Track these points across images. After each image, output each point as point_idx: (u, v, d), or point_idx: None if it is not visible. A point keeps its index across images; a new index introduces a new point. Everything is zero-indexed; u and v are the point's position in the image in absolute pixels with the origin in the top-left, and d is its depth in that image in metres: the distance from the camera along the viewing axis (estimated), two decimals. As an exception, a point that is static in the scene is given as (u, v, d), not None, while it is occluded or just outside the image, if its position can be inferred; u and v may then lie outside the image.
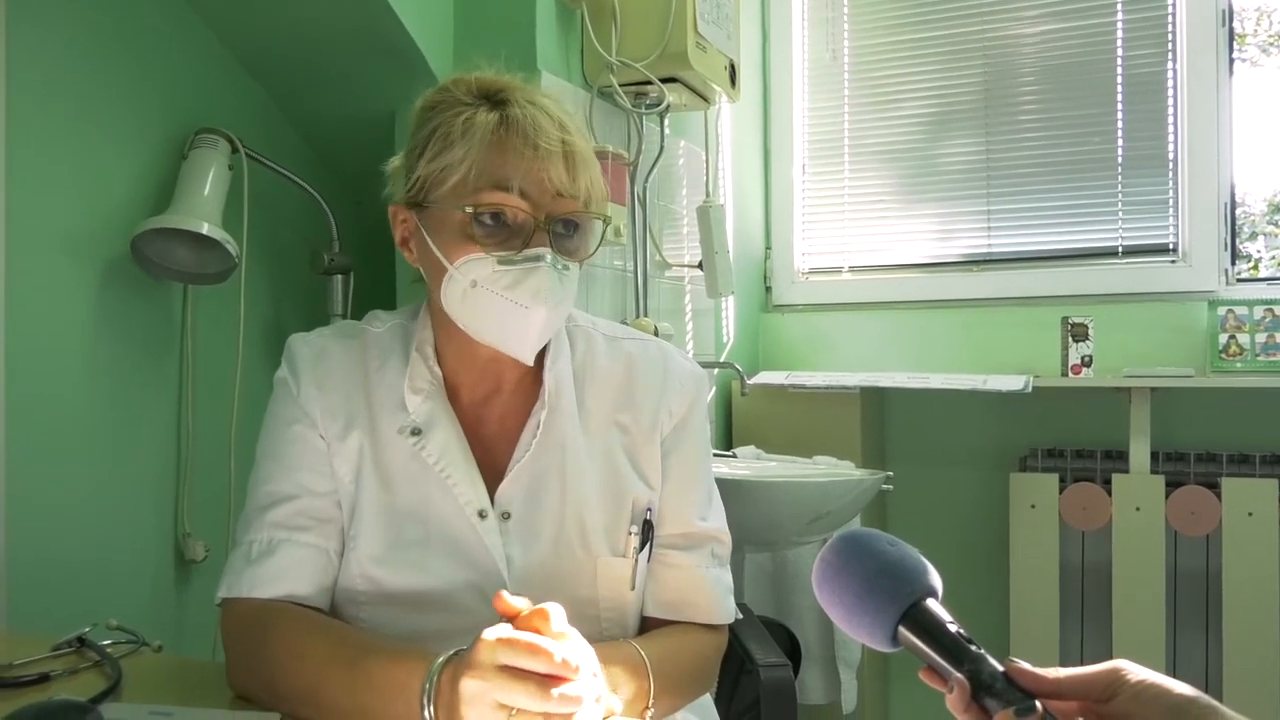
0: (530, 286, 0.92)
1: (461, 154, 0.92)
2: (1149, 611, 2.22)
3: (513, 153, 0.92)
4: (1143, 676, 0.61)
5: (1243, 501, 2.18)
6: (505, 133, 0.92)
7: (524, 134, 0.92)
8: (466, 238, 0.93)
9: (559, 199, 0.94)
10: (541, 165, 0.92)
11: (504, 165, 0.92)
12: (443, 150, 0.93)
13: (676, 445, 1.05)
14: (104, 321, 1.58)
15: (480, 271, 0.93)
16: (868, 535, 0.70)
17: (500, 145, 0.92)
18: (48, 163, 1.49)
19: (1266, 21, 2.59)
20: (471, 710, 0.71)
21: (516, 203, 0.92)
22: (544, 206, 0.93)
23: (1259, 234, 2.59)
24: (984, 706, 0.62)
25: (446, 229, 0.94)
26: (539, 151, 0.92)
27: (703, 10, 1.90)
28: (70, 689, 0.92)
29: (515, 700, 0.70)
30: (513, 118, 0.93)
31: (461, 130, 0.92)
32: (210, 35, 1.75)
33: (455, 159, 0.92)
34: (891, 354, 2.63)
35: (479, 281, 0.93)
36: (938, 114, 2.66)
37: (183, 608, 1.72)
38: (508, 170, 0.92)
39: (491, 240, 0.93)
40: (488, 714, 0.71)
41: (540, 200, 0.93)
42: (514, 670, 0.70)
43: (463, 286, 0.93)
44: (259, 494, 0.98)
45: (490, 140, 0.92)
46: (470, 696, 0.71)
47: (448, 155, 0.93)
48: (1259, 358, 2.27)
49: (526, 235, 0.93)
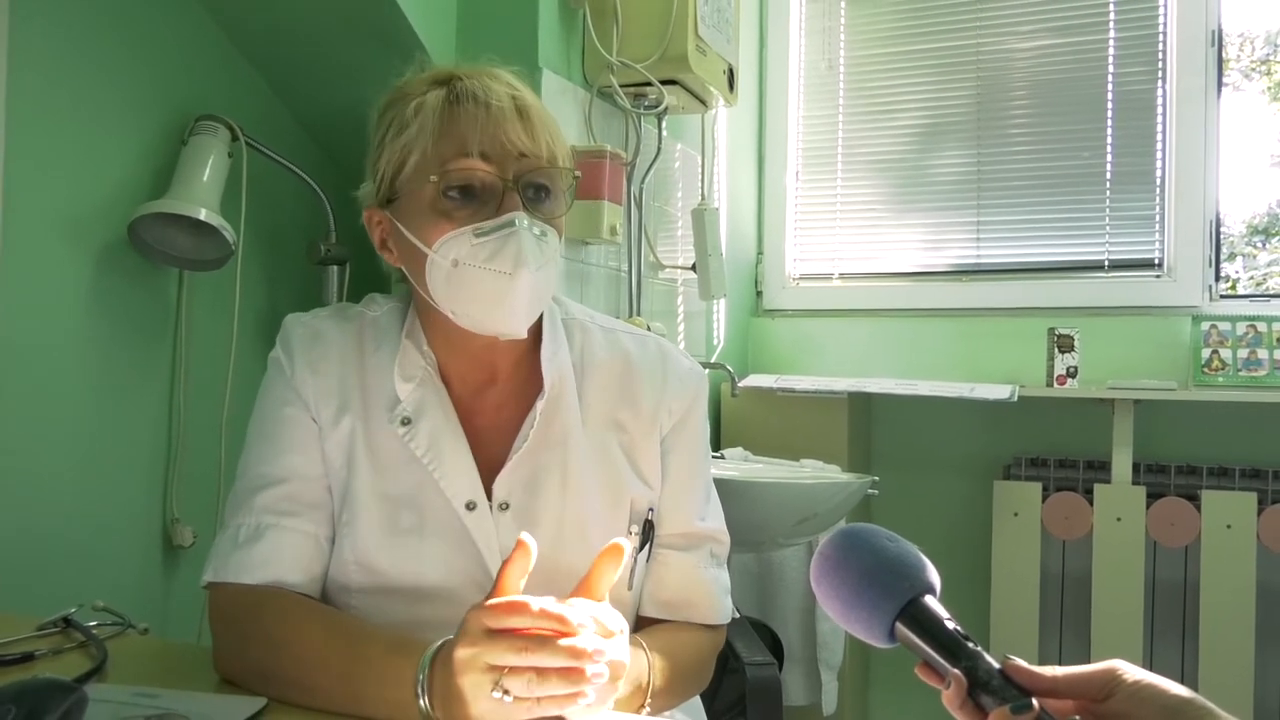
0: (510, 253, 0.91)
1: (415, 132, 0.93)
2: (1127, 620, 2.25)
3: (465, 117, 0.93)
4: (1139, 677, 0.61)
5: (1222, 514, 2.20)
6: (457, 103, 0.94)
7: (474, 97, 0.93)
8: (439, 215, 0.93)
9: (523, 159, 0.94)
10: (495, 124, 0.92)
11: (458, 130, 0.92)
12: (397, 135, 0.94)
13: (676, 444, 1.04)
14: (99, 305, 1.58)
15: (459, 249, 0.92)
16: (867, 530, 0.70)
17: (453, 115, 0.93)
18: (47, 146, 1.48)
19: (1249, 47, 2.64)
20: (465, 678, 0.71)
21: (479, 165, 0.92)
22: (509, 167, 0.93)
23: (1237, 255, 2.63)
24: (979, 704, 0.62)
25: (418, 213, 0.94)
26: (491, 110, 0.93)
27: (704, 14, 1.92)
28: (55, 669, 0.91)
29: (504, 658, 0.70)
30: (461, 88, 0.94)
31: (414, 113, 0.94)
32: (212, 23, 1.75)
33: (410, 138, 0.93)
34: (880, 361, 2.65)
35: (460, 259, 0.92)
36: (930, 125, 2.69)
37: (169, 593, 1.71)
38: (463, 133, 0.92)
39: (463, 212, 0.93)
40: (480, 678, 0.71)
41: (504, 161, 0.93)
42: (500, 632, 0.71)
43: (445, 269, 0.93)
44: (249, 476, 0.97)
45: (442, 112, 0.93)
46: (461, 665, 0.71)
47: (402, 137, 0.93)
48: (1240, 373, 2.30)
49: (497, 200, 0.93)
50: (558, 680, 0.70)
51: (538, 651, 0.70)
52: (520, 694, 0.70)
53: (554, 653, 0.70)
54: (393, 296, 1.08)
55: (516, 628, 0.71)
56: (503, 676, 0.70)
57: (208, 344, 1.75)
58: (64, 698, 0.68)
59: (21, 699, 0.67)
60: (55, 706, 0.67)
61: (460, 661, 0.71)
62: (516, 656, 0.70)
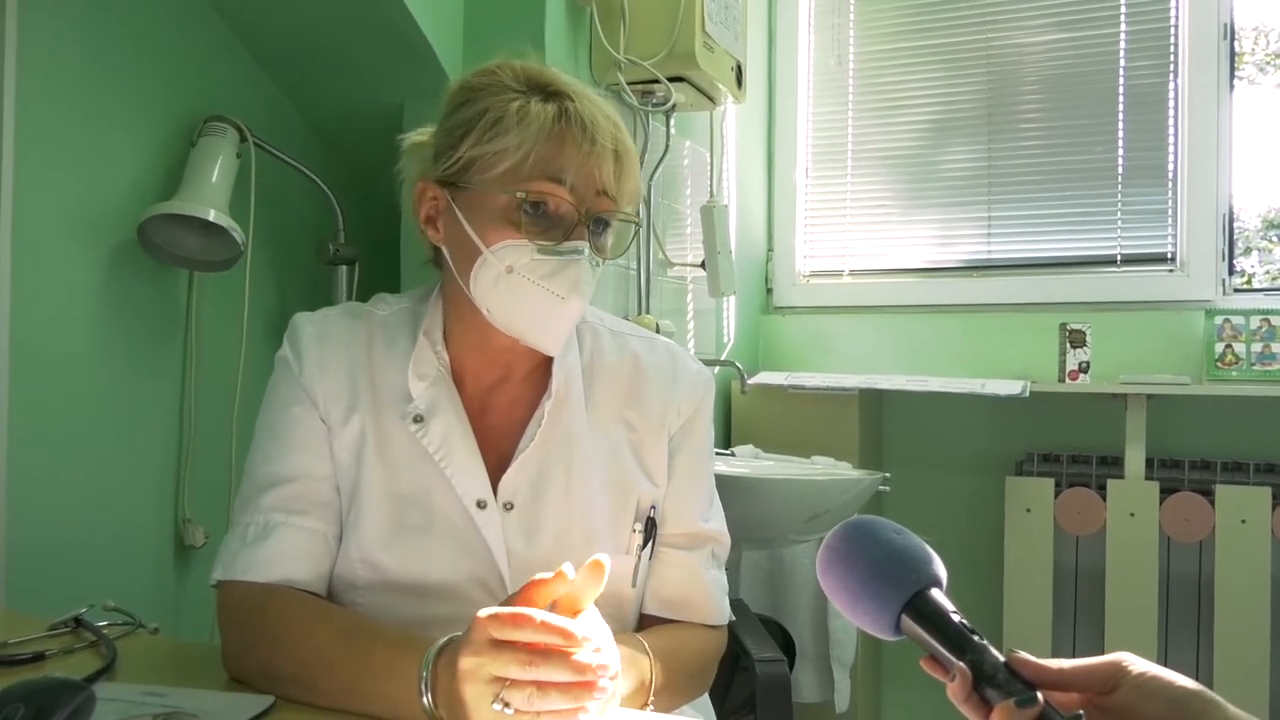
0: (569, 277, 0.93)
1: (517, 140, 0.91)
2: (1141, 616, 2.24)
3: (571, 145, 0.92)
4: (1144, 669, 0.61)
5: (1236, 509, 2.19)
6: (565, 125, 0.92)
7: (583, 128, 0.93)
8: (509, 223, 0.93)
9: (601, 197, 0.95)
10: (595, 162, 0.93)
11: (560, 157, 0.92)
12: (496, 135, 0.92)
13: (683, 445, 1.05)
14: (110, 306, 1.59)
15: (518, 258, 0.92)
16: (874, 523, 0.70)
17: (559, 137, 0.92)
18: (58, 147, 1.49)
19: (1264, 40, 2.61)
20: (468, 686, 0.71)
21: (565, 195, 0.93)
22: (587, 202, 0.94)
23: (1253, 249, 2.61)
24: (985, 697, 0.61)
25: (486, 212, 0.94)
26: (595, 147, 0.93)
27: (711, 10, 1.91)
28: (65, 668, 0.92)
29: (507, 671, 0.70)
30: (572, 112, 0.93)
31: (518, 117, 0.92)
32: (222, 24, 1.76)
33: (510, 144, 0.91)
34: (890, 357, 2.64)
35: (516, 268, 0.92)
36: (940, 121, 2.68)
37: (181, 593, 1.72)
38: (563, 162, 0.92)
39: (534, 228, 0.93)
40: (483, 689, 0.71)
41: (585, 195, 0.94)
42: (505, 643, 0.71)
43: (497, 271, 0.93)
44: (257, 475, 0.97)
45: (550, 131, 0.92)
46: (465, 674, 0.71)
47: (502, 140, 0.92)
48: (1255, 367, 2.29)
49: (568, 228, 0.93)
50: (559, 695, 0.70)
51: (541, 666, 0.70)
52: (521, 707, 0.70)
53: (557, 668, 0.70)
54: (402, 296, 1.08)
55: (521, 640, 0.71)
56: (505, 689, 0.70)
57: (218, 344, 1.76)
58: (72, 696, 0.68)
59: (30, 698, 0.67)
60: (63, 705, 0.67)
61: (464, 670, 0.72)
62: (520, 670, 0.70)
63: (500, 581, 0.95)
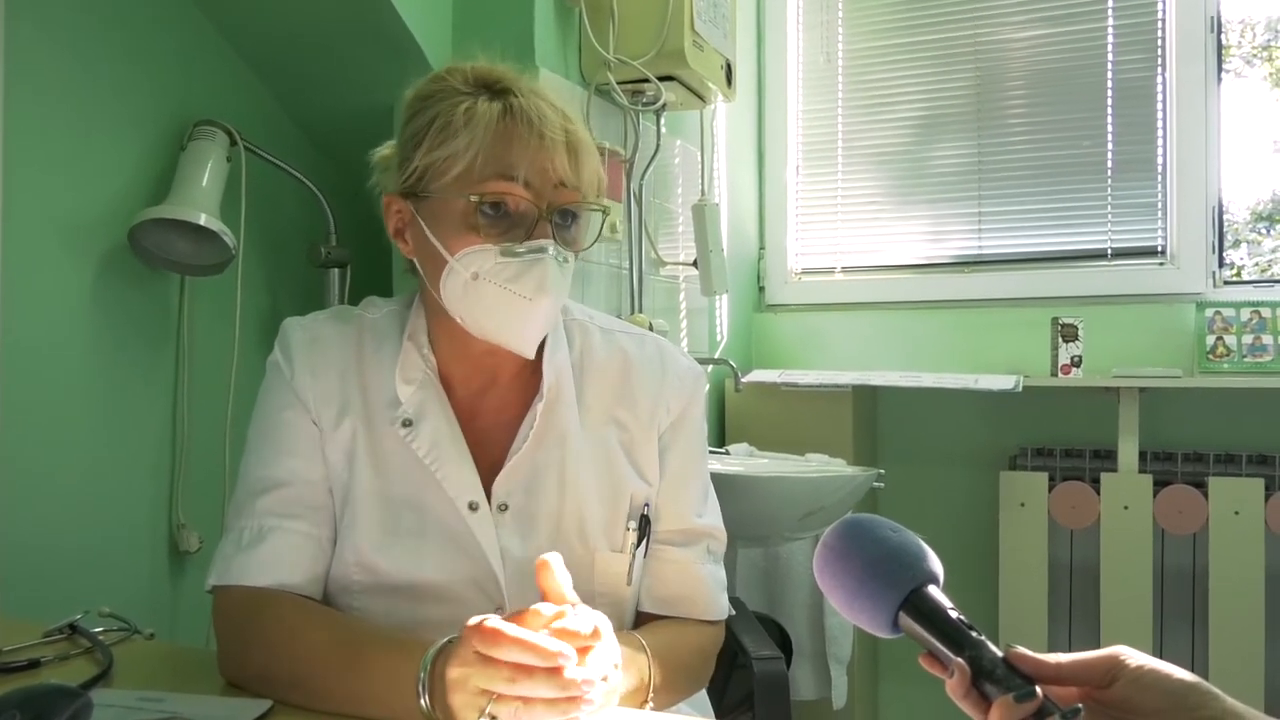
0: (534, 278, 0.92)
1: (465, 143, 0.91)
2: (1136, 609, 2.25)
3: (518, 142, 0.91)
4: (1142, 662, 0.61)
5: (1229, 500, 2.20)
6: (510, 122, 0.92)
7: (529, 123, 0.92)
8: (468, 228, 0.92)
9: (561, 189, 0.94)
10: (546, 155, 0.92)
11: (509, 154, 0.91)
12: (445, 140, 0.92)
13: (674, 442, 1.05)
14: (101, 311, 1.58)
15: (482, 263, 0.92)
16: (870, 521, 0.70)
17: (505, 135, 0.91)
18: (46, 152, 1.49)
19: (1250, 33, 2.63)
20: (455, 697, 0.72)
21: (521, 192, 0.92)
22: (546, 196, 0.93)
23: (1241, 242, 2.62)
24: (984, 692, 0.62)
25: (447, 219, 0.93)
26: (544, 141, 0.92)
27: (700, 9, 1.91)
28: (61, 675, 0.92)
29: (492, 685, 0.70)
30: (517, 107, 0.92)
31: (464, 119, 0.91)
32: (210, 27, 1.76)
33: (459, 148, 0.91)
34: (884, 353, 2.65)
35: (481, 274, 0.92)
36: (930, 117, 2.68)
37: (176, 598, 1.72)
38: (513, 159, 0.91)
39: (494, 230, 0.92)
40: (470, 700, 0.72)
41: (543, 190, 0.93)
42: (489, 657, 0.71)
43: (463, 279, 0.92)
44: (249, 479, 0.97)
45: (496, 129, 0.91)
46: (453, 684, 0.72)
47: (451, 145, 0.91)
48: (1245, 359, 2.30)
49: (529, 226, 0.93)
50: (544, 710, 0.71)
51: (525, 682, 0.70)
52: None
53: (541, 684, 0.70)
54: (392, 300, 1.08)
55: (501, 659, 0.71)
56: (492, 702, 0.71)
57: (210, 349, 1.75)
58: (69, 703, 0.69)
59: (27, 704, 0.67)
60: (60, 711, 0.67)
61: (452, 681, 0.73)
62: (505, 685, 0.70)
63: (495, 583, 0.95)
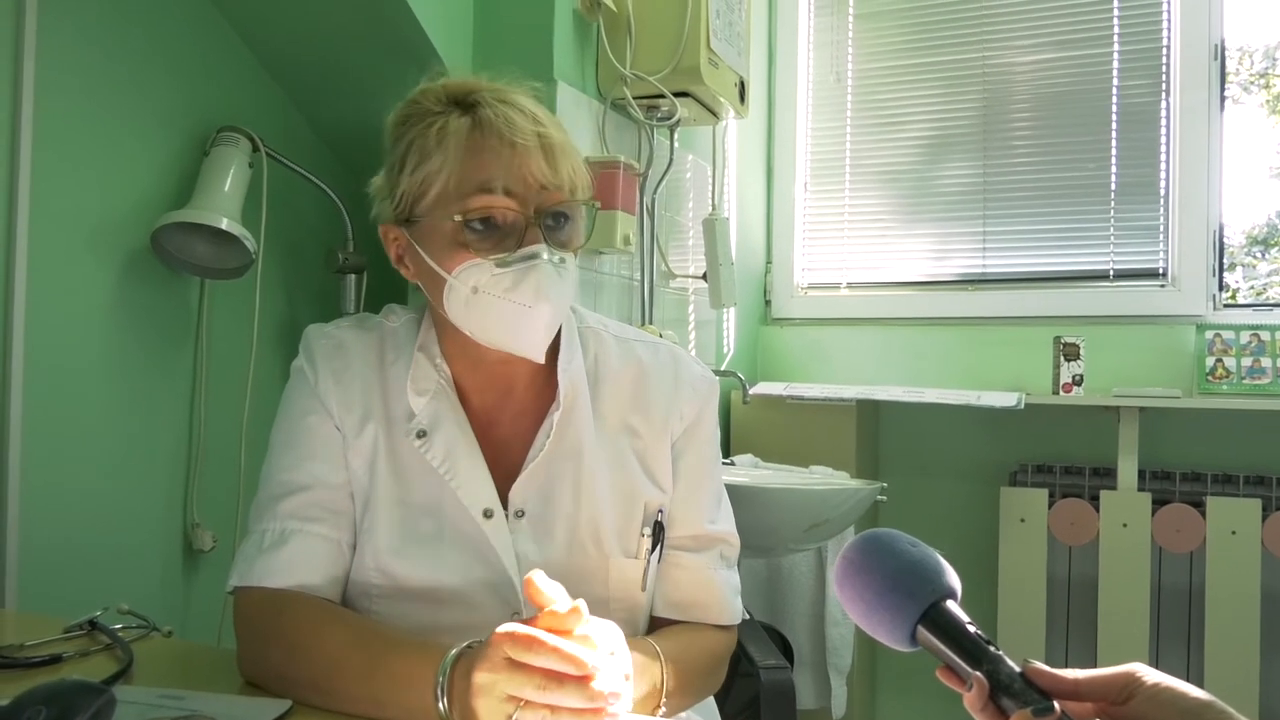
0: (531, 285, 0.92)
1: (439, 163, 0.92)
2: (1133, 625, 2.26)
3: (490, 153, 0.92)
4: (1158, 679, 0.62)
5: (1227, 520, 2.22)
6: (480, 135, 0.92)
7: (498, 133, 0.92)
8: (459, 245, 0.93)
9: (544, 192, 0.94)
10: (521, 161, 0.92)
11: (483, 167, 0.92)
12: (420, 163, 0.93)
13: (687, 448, 1.06)
14: (123, 313, 1.60)
15: (479, 277, 0.92)
16: (890, 535, 0.71)
17: (476, 148, 0.92)
18: (73, 157, 1.51)
19: (1248, 60, 2.67)
20: (481, 701, 0.72)
21: (503, 203, 0.92)
22: (531, 201, 0.93)
23: (1237, 265, 2.65)
24: (1001, 707, 0.62)
25: (438, 240, 0.94)
26: (516, 148, 0.92)
27: (716, 27, 1.94)
28: (81, 671, 0.92)
29: (521, 691, 0.70)
30: (484, 119, 0.93)
31: (436, 140, 0.92)
32: (234, 36, 1.78)
33: (433, 169, 0.92)
34: (887, 369, 2.67)
35: (479, 287, 0.92)
36: (937, 137, 2.72)
37: (190, 597, 1.73)
38: (488, 172, 0.92)
39: (485, 244, 0.93)
40: (496, 706, 0.71)
41: (526, 196, 0.93)
42: (521, 664, 0.71)
43: (464, 294, 0.93)
44: (272, 483, 0.98)
45: (466, 145, 0.92)
46: (480, 688, 0.72)
47: (426, 166, 0.92)
48: (1244, 381, 2.33)
49: (519, 234, 0.93)
50: (570, 719, 0.71)
51: (555, 691, 0.70)
52: None
53: (570, 694, 0.70)
54: (410, 308, 1.09)
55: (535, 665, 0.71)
56: (518, 709, 0.71)
57: (228, 351, 1.77)
58: (93, 699, 0.69)
59: (52, 700, 0.68)
60: (85, 708, 0.68)
61: (478, 685, 0.72)
62: (534, 692, 0.70)
63: (512, 588, 0.96)
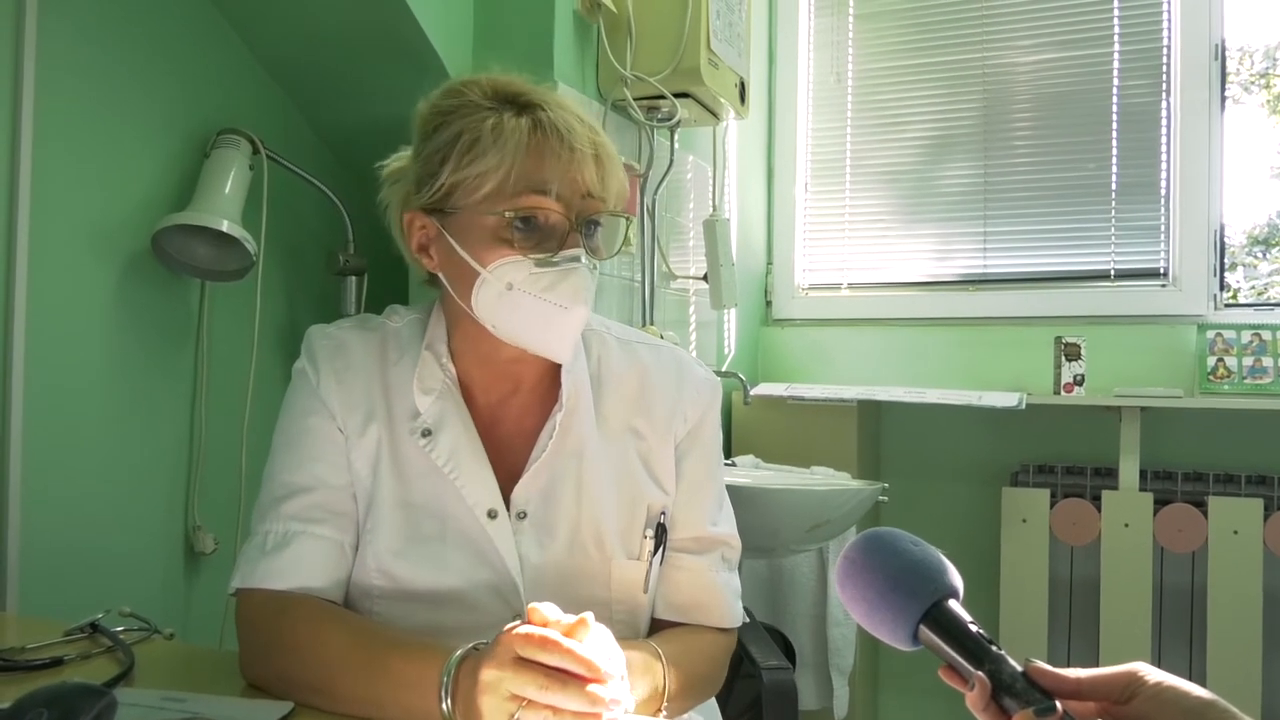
0: (569, 287, 0.93)
1: (496, 160, 0.91)
2: (1135, 625, 2.26)
3: (550, 156, 0.92)
4: (1160, 679, 0.62)
5: (1228, 520, 2.22)
6: (541, 137, 0.92)
7: (560, 137, 0.92)
8: (500, 241, 0.93)
9: (588, 199, 0.95)
10: (576, 168, 0.93)
11: (541, 169, 0.92)
12: (475, 157, 0.92)
13: (690, 451, 1.06)
14: (123, 315, 1.60)
15: (516, 274, 0.93)
16: (891, 534, 0.71)
17: (538, 150, 0.92)
18: (74, 159, 1.51)
19: (1249, 61, 2.67)
20: (486, 699, 0.72)
21: (552, 205, 0.93)
22: (575, 207, 0.94)
23: (1238, 264, 2.65)
24: (1003, 706, 0.62)
25: (476, 233, 0.94)
26: (575, 154, 0.93)
27: (716, 28, 1.94)
28: (83, 673, 0.92)
29: (526, 691, 0.71)
30: (546, 121, 0.93)
31: (493, 136, 0.92)
32: (234, 38, 1.78)
33: (490, 165, 0.91)
34: (888, 369, 2.67)
35: (515, 284, 0.93)
36: (937, 137, 2.72)
37: (190, 599, 1.73)
38: (545, 174, 0.92)
39: (527, 243, 0.93)
40: (500, 704, 0.72)
41: (572, 201, 0.94)
42: (528, 663, 0.72)
43: (497, 290, 0.93)
44: (274, 484, 0.98)
45: (527, 145, 0.92)
46: (486, 685, 0.72)
47: (482, 162, 0.91)
48: (1246, 380, 2.32)
49: (560, 237, 0.94)
50: None
51: (559, 692, 0.70)
52: None
53: (573, 697, 0.71)
54: (413, 308, 1.09)
55: (546, 663, 0.72)
56: (521, 708, 0.71)
57: (229, 353, 1.77)
58: (95, 702, 0.70)
59: (54, 703, 0.68)
60: (86, 710, 0.69)
61: (484, 682, 0.73)
62: (537, 692, 0.71)
63: (515, 589, 0.96)
